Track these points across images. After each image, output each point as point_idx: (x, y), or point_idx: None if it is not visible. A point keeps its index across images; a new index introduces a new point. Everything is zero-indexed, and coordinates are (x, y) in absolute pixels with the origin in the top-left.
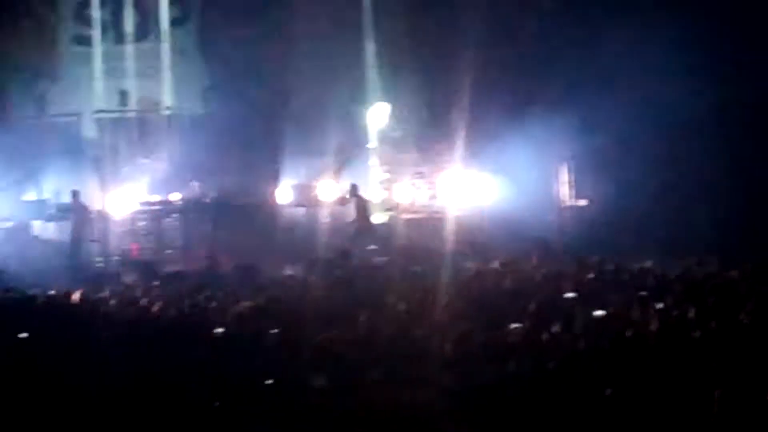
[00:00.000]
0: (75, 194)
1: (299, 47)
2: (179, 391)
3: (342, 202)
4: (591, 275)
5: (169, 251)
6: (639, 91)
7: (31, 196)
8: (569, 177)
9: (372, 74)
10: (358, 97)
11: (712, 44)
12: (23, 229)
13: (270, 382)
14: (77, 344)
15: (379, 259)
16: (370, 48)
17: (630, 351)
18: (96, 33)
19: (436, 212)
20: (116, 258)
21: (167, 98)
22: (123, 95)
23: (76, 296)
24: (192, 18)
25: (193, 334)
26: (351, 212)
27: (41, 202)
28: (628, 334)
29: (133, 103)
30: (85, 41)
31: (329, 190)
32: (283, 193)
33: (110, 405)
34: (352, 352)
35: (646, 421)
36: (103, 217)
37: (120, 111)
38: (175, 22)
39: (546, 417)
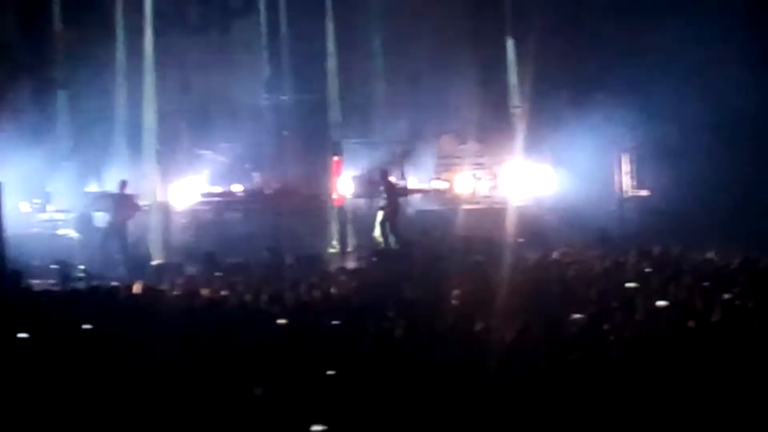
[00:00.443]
0: (122, 184)
1: (361, 37)
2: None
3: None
4: (652, 265)
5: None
6: (700, 80)
7: (93, 187)
8: (630, 167)
9: (433, 66)
10: (416, 88)
11: None
12: (85, 220)
13: (331, 372)
14: (140, 335)
15: (440, 250)
16: (429, 40)
17: (692, 341)
18: (159, 25)
19: (497, 203)
20: (179, 249)
21: (229, 90)
22: (185, 87)
23: (137, 288)
24: (255, 9)
25: (257, 324)
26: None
27: (103, 194)
28: (691, 324)
29: (195, 94)
30: (148, 33)
31: (390, 180)
32: (345, 184)
33: (175, 396)
34: (414, 342)
35: (707, 411)
36: (164, 208)
37: (182, 103)
38: (238, 14)
39: (605, 407)
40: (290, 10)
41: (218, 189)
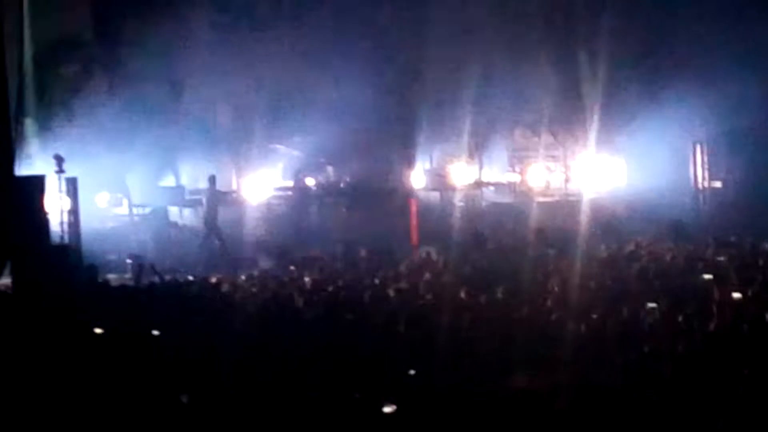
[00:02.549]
0: (211, 179)
1: (436, 30)
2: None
3: None
4: (727, 257)
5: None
6: None
7: (168, 182)
8: (703, 159)
9: (504, 57)
10: (489, 79)
11: None
12: (161, 214)
13: (412, 372)
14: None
15: (513, 242)
16: (504, 33)
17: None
18: (231, 20)
19: (571, 195)
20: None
21: (302, 84)
22: (257, 82)
23: (214, 281)
24: (325, 2)
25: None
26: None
27: (178, 188)
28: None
29: (268, 89)
30: (219, 27)
31: (463, 173)
32: (418, 178)
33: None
34: (490, 336)
35: None
36: (239, 202)
37: (255, 97)
38: (308, 7)
39: (680, 398)
40: (361, 2)
41: (291, 183)
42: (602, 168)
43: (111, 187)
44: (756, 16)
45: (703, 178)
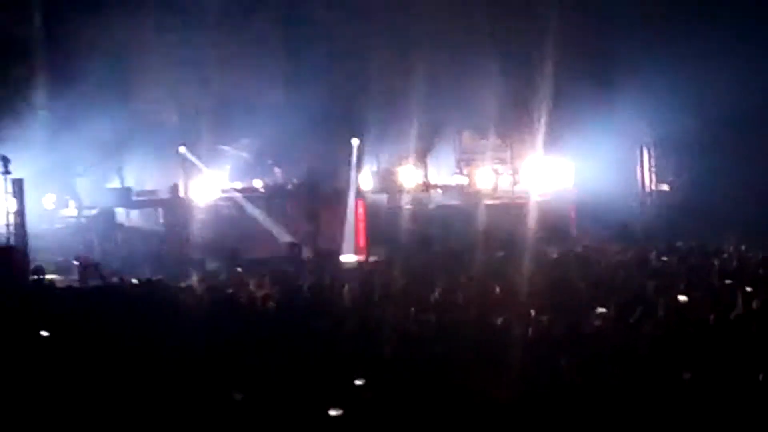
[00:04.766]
0: (174, 188)
1: (383, 34)
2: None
3: None
4: (674, 260)
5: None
6: (721, 76)
7: (114, 183)
8: (650, 162)
9: (452, 59)
10: (438, 82)
11: None
12: (107, 216)
13: (360, 383)
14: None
15: (461, 245)
16: (450, 37)
17: (713, 336)
18: (179, 21)
19: (518, 197)
20: (200, 245)
21: (249, 86)
22: (204, 83)
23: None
24: (273, 4)
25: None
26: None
27: (125, 190)
28: (711, 319)
29: (214, 90)
30: (166, 29)
31: (411, 176)
32: (365, 180)
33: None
34: (433, 337)
35: (726, 406)
36: (186, 204)
37: (202, 99)
38: (256, 10)
39: (626, 400)
40: (309, 6)
41: (239, 185)
42: (550, 170)
43: (58, 188)
44: (703, 19)
45: (650, 181)
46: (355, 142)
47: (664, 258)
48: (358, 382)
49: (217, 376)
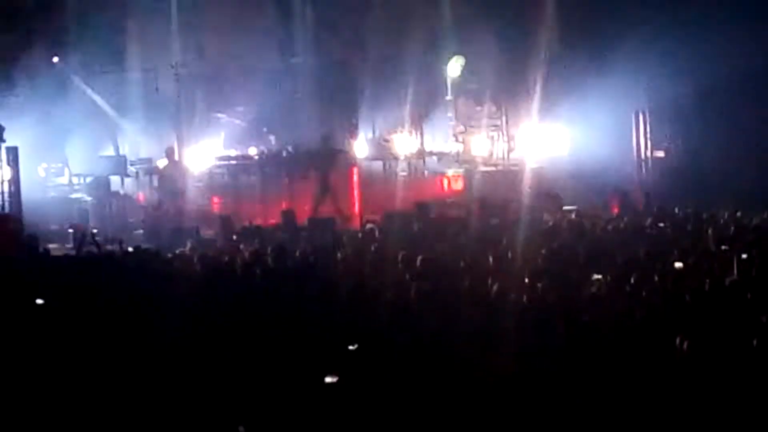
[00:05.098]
0: (170, 151)
1: (375, 1)
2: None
3: None
4: (669, 227)
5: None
6: (716, 40)
7: (108, 151)
8: (646, 127)
9: (448, 26)
10: (434, 49)
11: None
12: (102, 184)
13: (353, 347)
14: (156, 298)
15: (456, 212)
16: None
17: (709, 303)
18: None
19: (514, 165)
20: (194, 212)
21: (245, 52)
22: (200, 49)
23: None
24: None
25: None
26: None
27: (120, 158)
28: (707, 286)
29: (210, 56)
30: None
31: (406, 143)
32: (361, 147)
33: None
34: (430, 306)
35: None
36: (181, 171)
37: (197, 66)
38: None
39: (622, 372)
40: None
41: (233, 152)
42: (545, 137)
43: (51, 156)
44: None
45: (646, 147)
46: (350, 109)
47: (660, 224)
48: (351, 348)
49: (210, 349)
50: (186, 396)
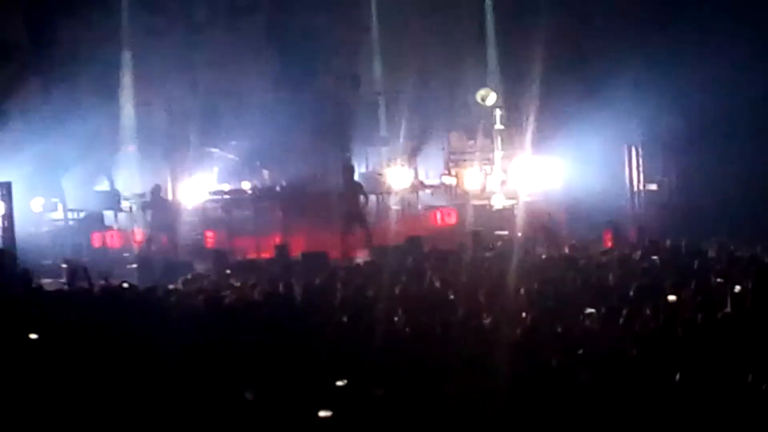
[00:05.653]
0: (156, 189)
1: (369, 34)
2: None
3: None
4: (663, 260)
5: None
6: (708, 73)
7: (103, 186)
8: (638, 161)
9: (442, 63)
10: (427, 83)
11: None
12: (95, 219)
13: (341, 383)
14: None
15: (449, 246)
16: (438, 36)
17: (702, 336)
18: (166, 23)
19: (506, 198)
20: (189, 247)
21: (238, 87)
22: (193, 85)
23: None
24: (261, 6)
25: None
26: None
27: (113, 193)
28: (699, 319)
29: (203, 92)
30: (155, 31)
31: (399, 177)
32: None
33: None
34: (424, 339)
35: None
36: (175, 206)
37: (190, 101)
38: (244, 11)
39: (616, 403)
40: (297, 6)
41: (227, 186)
42: (539, 170)
43: (46, 191)
44: (690, 17)
45: (639, 181)
46: (343, 143)
47: (653, 257)
48: (339, 384)
49: (205, 379)
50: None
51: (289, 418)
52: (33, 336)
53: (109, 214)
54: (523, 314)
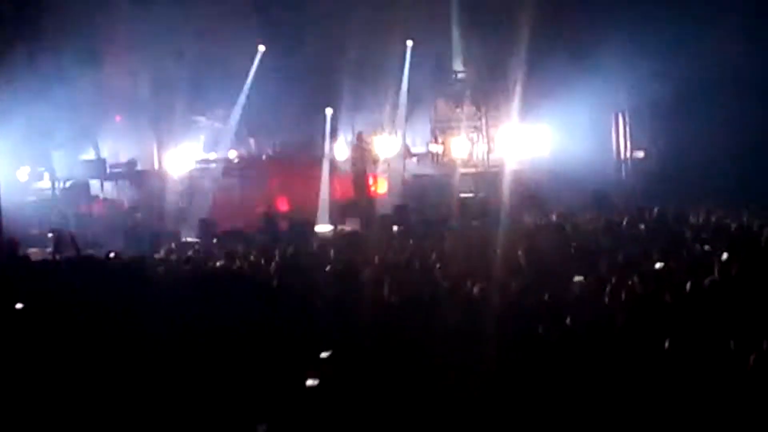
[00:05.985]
0: (131, 162)
1: (354, 3)
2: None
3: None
4: (650, 227)
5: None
6: (695, 39)
7: (89, 155)
8: (626, 128)
9: (428, 28)
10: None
11: None
12: (81, 188)
13: (325, 355)
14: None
15: (437, 214)
16: (425, 2)
17: (690, 304)
18: None
19: (493, 166)
20: (174, 216)
21: (224, 55)
22: (178, 53)
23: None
24: None
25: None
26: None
27: (99, 162)
28: (687, 287)
29: (189, 61)
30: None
31: (386, 145)
32: (341, 150)
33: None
34: (408, 307)
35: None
36: (160, 176)
37: (176, 69)
38: None
39: (601, 371)
40: None
41: (213, 155)
42: (525, 138)
43: (32, 161)
44: None
45: (626, 148)
46: (329, 111)
47: (641, 225)
48: (324, 355)
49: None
50: (170, 399)
51: (276, 388)
52: (18, 305)
53: (95, 183)
54: (511, 283)
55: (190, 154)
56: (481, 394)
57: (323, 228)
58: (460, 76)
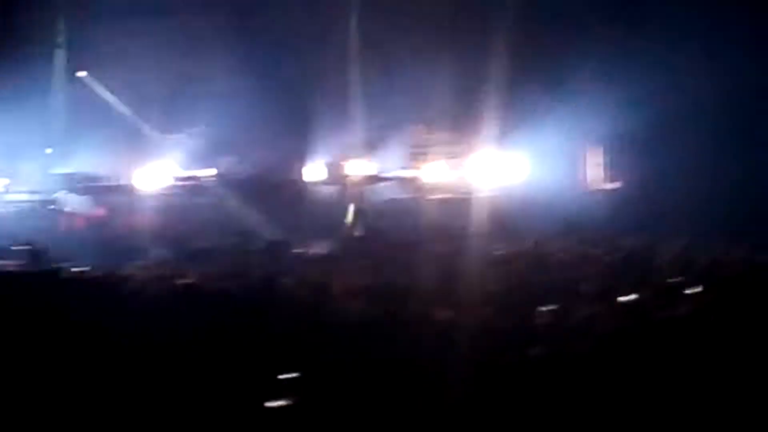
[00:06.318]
0: (105, 178)
1: (334, 27)
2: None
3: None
4: (621, 258)
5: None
6: (670, 71)
7: (63, 168)
8: (602, 159)
9: (403, 53)
10: (389, 76)
11: (753, 34)
12: (52, 201)
13: (291, 376)
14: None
15: (408, 239)
16: (403, 30)
17: (659, 336)
18: (128, 7)
19: (467, 192)
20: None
21: (201, 73)
22: (156, 71)
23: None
24: None
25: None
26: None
27: (71, 175)
28: (658, 319)
29: (167, 78)
30: (117, 15)
31: (360, 168)
32: (316, 171)
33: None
34: (377, 332)
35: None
36: (134, 191)
37: (153, 86)
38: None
39: (567, 400)
40: None
41: (189, 173)
42: (499, 165)
43: (3, 173)
44: (654, 16)
45: (599, 178)
46: (304, 132)
47: (613, 255)
48: (286, 377)
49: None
50: (134, 412)
51: (237, 409)
52: None
53: (69, 197)
54: (480, 309)
55: (166, 171)
56: (448, 417)
57: (297, 249)
58: (435, 101)
